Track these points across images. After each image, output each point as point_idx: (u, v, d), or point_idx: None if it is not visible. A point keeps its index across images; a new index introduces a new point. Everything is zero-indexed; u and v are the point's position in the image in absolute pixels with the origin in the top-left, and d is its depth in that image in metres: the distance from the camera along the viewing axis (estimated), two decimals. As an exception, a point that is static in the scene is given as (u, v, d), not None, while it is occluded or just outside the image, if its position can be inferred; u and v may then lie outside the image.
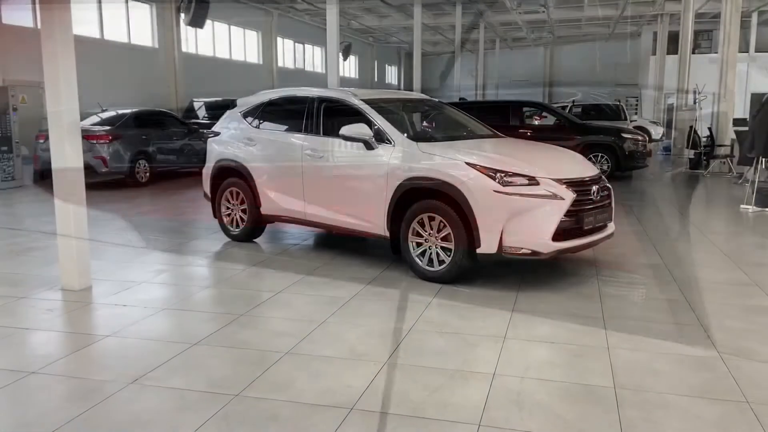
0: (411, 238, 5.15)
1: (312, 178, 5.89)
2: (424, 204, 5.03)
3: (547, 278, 5.16)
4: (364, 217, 5.50)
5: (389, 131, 5.39)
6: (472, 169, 4.80)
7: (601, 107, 16.88)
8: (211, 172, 6.89)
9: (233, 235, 6.71)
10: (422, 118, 6.73)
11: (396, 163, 5.20)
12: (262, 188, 6.34)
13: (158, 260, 5.85)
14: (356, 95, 5.85)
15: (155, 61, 17.65)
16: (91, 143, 10.88)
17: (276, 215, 6.31)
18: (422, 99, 6.63)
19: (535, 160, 5.07)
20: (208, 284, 5.05)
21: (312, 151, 5.86)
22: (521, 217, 4.66)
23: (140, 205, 9.37)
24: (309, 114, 6.07)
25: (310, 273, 5.39)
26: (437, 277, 5.02)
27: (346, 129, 5.36)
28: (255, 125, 6.56)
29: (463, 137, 5.94)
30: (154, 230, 7.32)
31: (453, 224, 4.86)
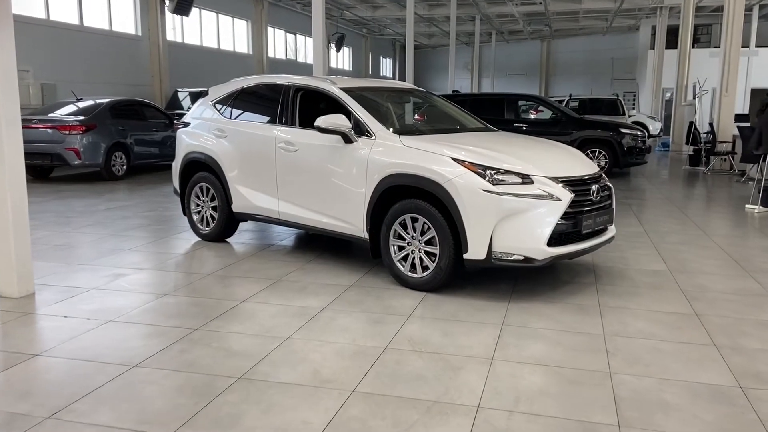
0: (392, 241, 4.67)
1: (286, 174, 5.39)
2: (406, 204, 4.54)
3: (541, 287, 4.68)
4: (341, 217, 5.01)
5: (369, 123, 4.90)
6: (459, 166, 4.31)
7: (598, 101, 16.40)
8: (179, 165, 6.38)
9: (203, 234, 6.20)
10: (413, 109, 6.22)
11: (376, 158, 4.70)
12: (233, 184, 5.84)
13: (117, 262, 5.35)
14: (335, 83, 5.35)
15: (138, 49, 17.03)
16: (63, 134, 10.34)
17: (248, 213, 5.81)
18: (409, 89, 6.13)
19: (530, 157, 4.58)
20: (166, 291, 4.55)
21: (286, 143, 5.36)
22: (513, 220, 4.18)
23: (111, 200, 8.84)
24: (284, 103, 5.57)
25: (281, 278, 4.90)
26: (420, 285, 4.54)
27: (321, 120, 4.86)
28: (227, 115, 6.05)
29: (451, 130, 5.44)
30: (119, 228, 6.80)
31: (438, 227, 4.37)
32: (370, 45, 35.28)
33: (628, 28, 30.64)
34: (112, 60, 15.87)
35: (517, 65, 34.61)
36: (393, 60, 40.06)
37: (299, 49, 27.99)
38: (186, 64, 18.72)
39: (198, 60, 19.65)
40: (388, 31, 33.94)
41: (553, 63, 34.99)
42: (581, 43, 33.42)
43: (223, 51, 21.66)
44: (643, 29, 28.66)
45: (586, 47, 33.26)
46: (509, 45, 35.22)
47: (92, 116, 10.74)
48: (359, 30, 32.93)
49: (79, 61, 14.76)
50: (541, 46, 34.97)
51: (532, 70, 34.84)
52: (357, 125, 4.93)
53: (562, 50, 34.46)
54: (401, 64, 39.03)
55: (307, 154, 5.21)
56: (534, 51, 35.00)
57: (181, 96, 15.69)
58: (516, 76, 34.11)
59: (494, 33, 31.64)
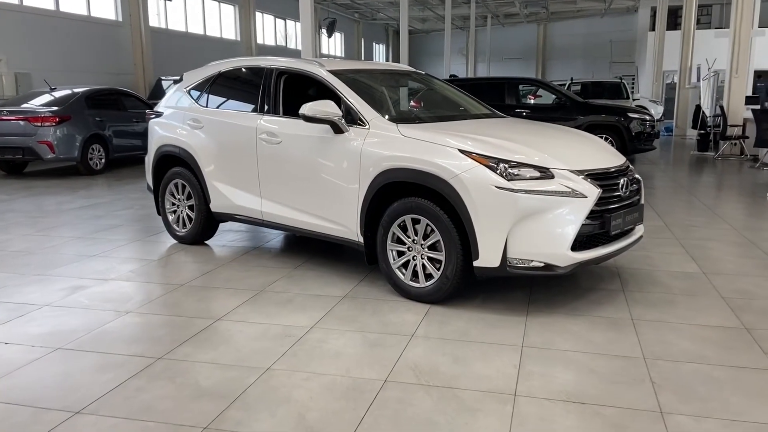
0: (390, 245, 4.06)
1: (268, 169, 4.77)
2: (406, 203, 3.93)
3: (561, 296, 4.09)
4: (331, 218, 4.40)
5: (362, 110, 4.27)
6: (467, 158, 3.70)
7: (601, 85, 15.76)
8: (152, 160, 5.75)
9: (179, 236, 5.58)
10: (409, 94, 5.58)
11: (370, 150, 4.09)
12: (210, 180, 5.21)
13: (79, 271, 4.73)
14: (323, 65, 4.71)
15: (119, 36, 16.25)
16: (35, 126, 9.66)
17: (228, 213, 5.19)
18: (406, 71, 5.49)
19: (548, 146, 3.97)
20: (130, 308, 3.94)
21: (268, 135, 4.73)
22: (532, 221, 3.58)
23: (85, 197, 8.19)
24: (266, 89, 4.93)
25: (264, 288, 4.29)
26: (423, 296, 3.95)
27: (307, 107, 4.23)
28: (203, 103, 5.41)
29: (455, 117, 4.82)
30: (88, 230, 6.17)
31: (443, 229, 3.77)
32: (362, 30, 34.44)
33: (626, 10, 29.92)
34: (91, 47, 15.12)
35: (513, 49, 33.84)
36: (386, 46, 39.23)
37: (289, 36, 27.18)
38: (170, 51, 17.95)
39: (183, 47, 18.87)
40: (380, 16, 33.10)
41: (549, 47, 34.23)
42: (579, 26, 32.66)
43: (210, 37, 20.87)
44: (642, 11, 27.95)
45: (583, 30, 32.50)
46: (505, 29, 34.43)
47: (66, 107, 10.04)
48: (351, 15, 32.08)
49: (56, 48, 14.01)
50: (538, 30, 34.19)
51: (528, 54, 34.08)
52: (348, 113, 4.31)
53: (559, 33, 33.69)
54: (395, 49, 38.20)
55: (291, 146, 4.59)
56: (530, 34, 34.22)
57: (164, 84, 14.97)
58: (512, 61, 33.36)
59: (490, 16, 30.87)
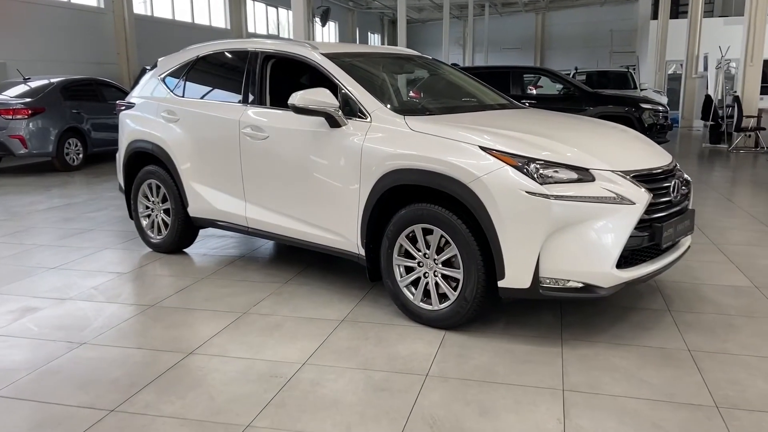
0: (397, 259, 3.43)
1: (253, 168, 4.12)
2: (415, 210, 3.30)
3: (597, 318, 3.47)
4: (327, 226, 3.76)
5: (362, 99, 3.62)
6: (489, 157, 3.07)
7: (608, 74, 15.12)
8: (123, 157, 5.08)
9: (154, 244, 4.93)
10: (415, 82, 4.91)
11: (373, 148, 3.44)
12: (188, 181, 4.56)
13: (33, 289, 4.07)
14: (316, 48, 4.05)
15: (102, 23, 15.47)
16: (5, 119, 8.95)
17: (208, 219, 4.54)
18: (411, 56, 4.83)
19: (584, 142, 3.34)
20: (86, 337, 3.29)
21: (252, 129, 4.07)
22: (569, 233, 2.95)
23: (58, 196, 7.51)
24: (251, 76, 4.27)
25: (249, 309, 3.65)
26: (437, 320, 3.32)
27: (298, 96, 3.58)
28: (179, 92, 4.74)
29: (469, 108, 4.18)
30: (54, 236, 5.51)
31: (461, 242, 3.14)
32: (357, 19, 33.62)
33: (626, -1, 29.27)
34: (72, 35, 14.35)
35: (511, 39, 33.11)
36: (381, 36, 38.43)
37: (282, 25, 26.40)
38: (156, 39, 17.16)
39: (169, 35, 18.07)
40: (375, 5, 32.31)
41: (548, 36, 33.52)
42: (578, 15, 31.96)
43: (198, 25, 20.08)
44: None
45: (582, 19, 31.80)
46: (503, 18, 33.69)
47: (40, 98, 9.33)
48: (345, 3, 31.28)
49: (34, 37, 13.25)
50: (536, 19, 33.46)
51: (526, 44, 33.36)
52: (346, 103, 3.66)
53: (558, 23, 32.98)
54: (390, 39, 37.40)
55: (279, 142, 3.94)
56: (528, 24, 33.50)
57: (150, 75, 14.25)
58: (510, 51, 32.62)
59: (487, 5, 30.14)
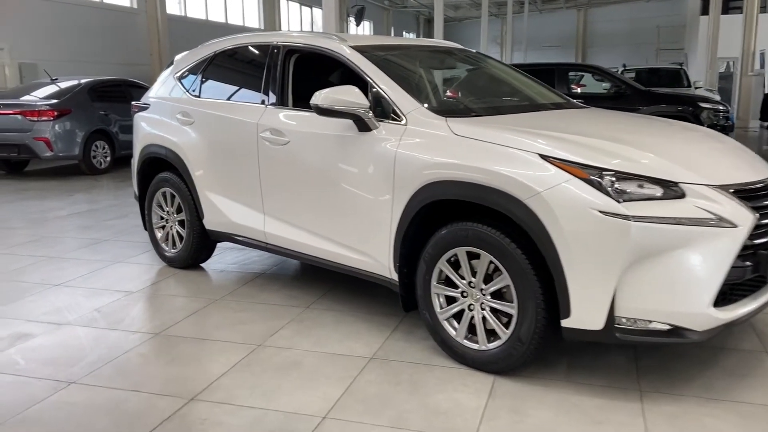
0: (436, 287, 2.90)
1: (272, 177, 3.64)
2: (459, 230, 2.76)
3: (680, 362, 2.87)
4: (353, 246, 3.25)
5: (397, 99, 3.10)
6: (551, 167, 2.51)
7: (659, 71, 14.24)
8: (137, 162, 4.68)
9: (168, 257, 4.50)
10: (452, 79, 4.34)
11: (409, 155, 2.92)
12: (203, 190, 4.11)
13: (30, 310, 3.67)
14: (345, 41, 3.55)
15: (135, 24, 15.33)
16: (31, 121, 8.72)
17: (224, 232, 4.08)
18: (451, 49, 4.27)
19: (669, 150, 2.75)
20: (77, 375, 2.85)
21: (272, 132, 3.59)
22: (654, 263, 2.37)
23: (79, 202, 7.20)
24: (270, 73, 3.79)
25: (265, 341, 3.17)
26: (485, 362, 2.78)
27: (322, 95, 3.08)
28: (195, 92, 4.30)
29: (521, 108, 3.61)
30: (65, 247, 5.14)
31: (515, 271, 2.59)
32: (392, 19, 33.14)
33: (674, -7, 28.03)
34: (104, 36, 14.22)
35: (551, 37, 32.12)
36: (417, 35, 37.88)
37: (317, 24, 26.10)
38: (189, 40, 16.88)
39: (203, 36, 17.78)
40: (411, 3, 31.78)
41: (590, 34, 32.43)
42: (622, 11, 30.80)
43: (232, 26, 19.88)
44: (692, -7, 26.04)
45: (627, 15, 30.63)
46: (542, 15, 32.74)
47: (66, 99, 9.08)
48: (380, 2, 30.83)
49: (65, 37, 13.14)
50: (577, 16, 32.42)
51: (567, 42, 32.33)
52: (378, 103, 3.14)
53: (601, 19, 31.86)
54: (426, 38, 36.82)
55: (301, 148, 3.44)
56: (569, 21, 32.46)
57: (182, 75, 14.01)
58: (550, 48, 31.64)
59: (527, 2, 29.27)
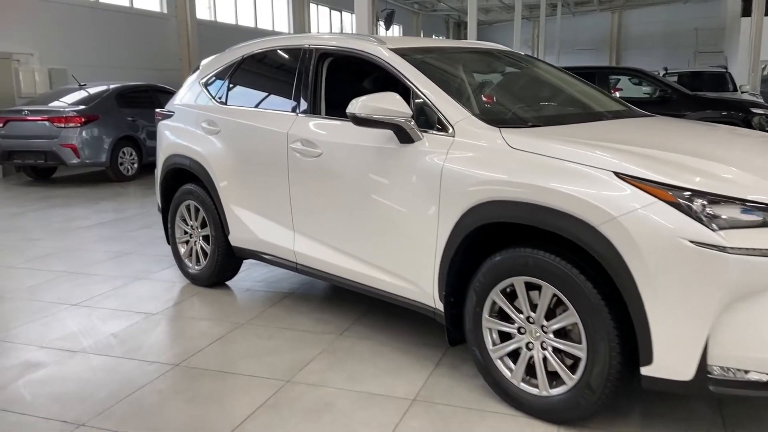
0: (488, 321, 2.55)
1: (303, 192, 3.33)
2: (517, 257, 2.40)
3: (777, 414, 2.46)
4: (393, 270, 2.92)
5: (444, 107, 2.76)
6: (630, 188, 2.14)
7: (702, 75, 13.64)
8: (160, 173, 4.42)
9: (192, 275, 4.22)
10: (497, 84, 3.96)
11: (458, 170, 2.57)
12: (228, 204, 3.82)
13: (43, 335, 3.42)
14: (383, 42, 3.22)
15: (164, 29, 15.27)
16: (58, 127, 8.60)
17: (251, 250, 3.78)
18: (498, 51, 3.90)
19: (760, 165, 2.36)
20: (85, 415, 2.57)
21: (303, 143, 3.28)
22: (756, 304, 1.99)
23: (105, 210, 7.01)
24: (302, 78, 3.49)
25: (293, 376, 2.85)
26: (545, 410, 2.41)
27: (359, 103, 2.75)
28: (221, 99, 4.03)
29: (581, 117, 3.23)
30: (85, 261, 4.91)
31: (584, 307, 2.22)
32: (422, 22, 32.81)
33: (713, -6, 27.15)
34: (133, 41, 14.16)
35: (584, 40, 31.40)
36: (446, 39, 37.47)
37: (346, 28, 25.90)
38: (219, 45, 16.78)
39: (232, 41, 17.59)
40: (441, 7, 31.39)
41: (624, 36, 31.60)
42: (658, 13, 29.93)
43: (261, 31, 19.75)
44: (732, -6, 25.17)
45: (663, 17, 29.74)
46: (575, 18, 32.03)
47: (94, 105, 8.95)
48: (410, 6, 30.52)
49: (94, 42, 13.10)
50: (611, 18, 31.62)
51: (601, 45, 31.55)
52: (421, 111, 2.81)
53: (636, 22, 31.03)
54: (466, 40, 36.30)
55: (335, 160, 3.12)
56: (603, 24, 31.68)
57: (211, 80, 13.87)
58: (583, 52, 30.91)
59: (560, 4, 28.66)
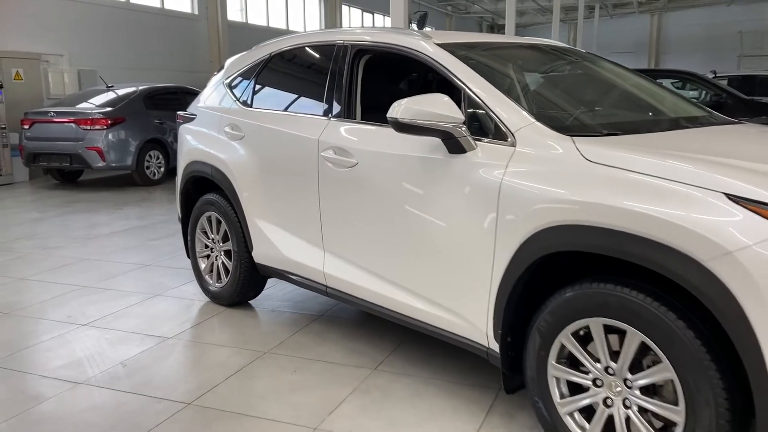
0: (555, 368, 2.12)
1: (335, 207, 2.94)
2: (594, 294, 1.97)
3: None
4: (438, 301, 2.51)
5: (503, 112, 2.34)
6: (748, 215, 1.69)
7: (754, 79, 12.89)
8: (181, 181, 4.09)
9: (212, 292, 3.87)
10: (581, 86, 3.45)
11: (521, 188, 2.15)
12: (252, 217, 3.45)
13: (45, 359, 3.10)
14: (429, 38, 2.82)
15: (195, 30, 15.13)
16: (83, 130, 8.40)
17: (275, 268, 3.41)
18: (559, 49, 3.45)
19: None
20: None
21: (336, 151, 2.89)
22: None
23: (126, 217, 6.74)
24: (335, 78, 3.10)
25: (320, 422, 2.47)
26: (626, 482, 1.97)
27: (402, 107, 2.35)
28: (246, 101, 3.67)
29: (663, 124, 2.78)
30: (102, 273, 4.61)
31: (681, 360, 1.79)
32: (454, 25, 32.34)
33: (759, -4, 26.10)
34: (164, 42, 14.03)
35: (622, 42, 30.54)
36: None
37: (377, 31, 25.63)
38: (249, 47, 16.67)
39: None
40: (475, 9, 30.89)
41: (664, 39, 30.66)
42: (700, 16, 28.94)
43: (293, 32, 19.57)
44: (779, -4, 24.17)
45: (705, 20, 28.75)
46: (613, 20, 31.19)
47: (120, 108, 8.73)
48: (443, 8, 30.09)
49: (124, 43, 12.99)
50: (651, 20, 30.70)
51: (639, 48, 30.67)
52: (474, 117, 2.40)
53: (676, 24, 30.07)
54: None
55: (373, 171, 2.72)
56: (642, 26, 30.79)
57: (241, 83, 13.65)
58: (622, 55, 30.05)
59: (597, 6, 27.92)
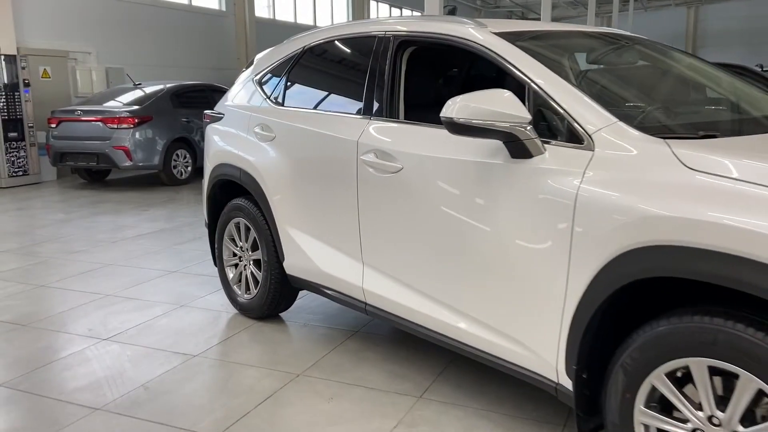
0: (645, 415, 1.78)
1: (377, 217, 2.63)
2: (700, 330, 1.63)
3: None
4: (497, 327, 2.19)
5: (578, 110, 2.01)
6: None
7: (807, 73, 12.18)
8: (207, 184, 3.83)
9: (241, 304, 3.61)
10: (661, 80, 3.04)
11: (602, 199, 1.82)
12: (283, 225, 3.17)
13: (61, 379, 2.86)
14: (484, 26, 2.49)
15: (222, 27, 14.97)
16: (110, 128, 8.24)
17: (309, 281, 3.12)
18: (630, 38, 3.06)
19: None
20: None
21: (377, 155, 2.59)
22: None
23: (152, 219, 6.54)
24: (376, 74, 2.79)
25: (363, 460, 2.16)
26: None
27: (458, 105, 2.04)
28: (277, 100, 3.39)
29: (761, 125, 2.40)
30: (125, 281, 4.39)
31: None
32: (484, 20, 31.81)
33: (803, -14, 25.08)
34: (191, 39, 13.88)
35: (658, 36, 29.11)
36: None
37: (405, 27, 25.25)
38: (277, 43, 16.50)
39: (291, 39, 17.37)
40: (504, 3, 30.32)
41: (701, 32, 29.73)
42: (739, 8, 27.97)
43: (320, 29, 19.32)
44: (826, -15, 23.15)
45: (745, 13, 27.78)
46: (647, 13, 30.38)
47: (147, 106, 8.56)
48: (472, 2, 29.58)
49: (152, 41, 12.87)
50: (687, 13, 29.81)
51: (675, 42, 29.71)
52: (542, 116, 2.08)
53: (714, 17, 29.13)
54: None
55: (420, 178, 2.41)
56: (678, 19, 29.91)
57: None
58: (656, 49, 29.23)
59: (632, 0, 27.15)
